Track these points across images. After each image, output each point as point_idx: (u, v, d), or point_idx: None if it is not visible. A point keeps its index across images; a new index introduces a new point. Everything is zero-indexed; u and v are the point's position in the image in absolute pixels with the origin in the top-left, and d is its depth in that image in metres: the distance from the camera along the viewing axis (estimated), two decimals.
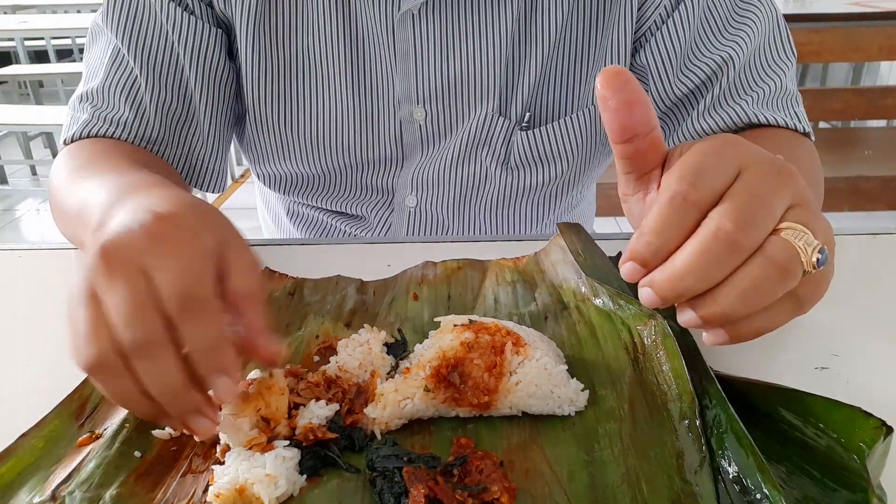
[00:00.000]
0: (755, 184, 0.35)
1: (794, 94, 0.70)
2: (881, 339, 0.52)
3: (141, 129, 0.69)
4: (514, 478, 0.38)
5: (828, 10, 2.21)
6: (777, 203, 0.35)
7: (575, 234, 0.61)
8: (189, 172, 0.73)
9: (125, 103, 0.68)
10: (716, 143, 0.37)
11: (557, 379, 0.43)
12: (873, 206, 1.93)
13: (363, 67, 0.71)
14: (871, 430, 0.37)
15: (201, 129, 0.71)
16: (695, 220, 0.35)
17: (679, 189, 0.34)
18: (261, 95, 0.72)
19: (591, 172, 0.82)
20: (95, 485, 0.38)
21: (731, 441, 0.38)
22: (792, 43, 0.70)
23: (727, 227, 0.33)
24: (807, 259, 0.34)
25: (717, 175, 0.35)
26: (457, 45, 0.69)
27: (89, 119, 0.68)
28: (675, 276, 0.35)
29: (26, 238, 3.10)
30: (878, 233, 0.69)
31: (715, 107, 0.68)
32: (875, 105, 2.12)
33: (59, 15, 4.65)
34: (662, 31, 0.69)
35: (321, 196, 0.81)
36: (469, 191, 0.78)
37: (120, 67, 0.69)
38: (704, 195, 0.34)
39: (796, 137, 0.68)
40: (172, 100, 0.70)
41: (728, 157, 0.36)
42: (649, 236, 0.35)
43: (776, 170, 0.36)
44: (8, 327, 0.56)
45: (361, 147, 0.75)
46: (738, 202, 0.34)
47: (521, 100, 0.72)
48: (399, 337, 0.50)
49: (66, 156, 0.65)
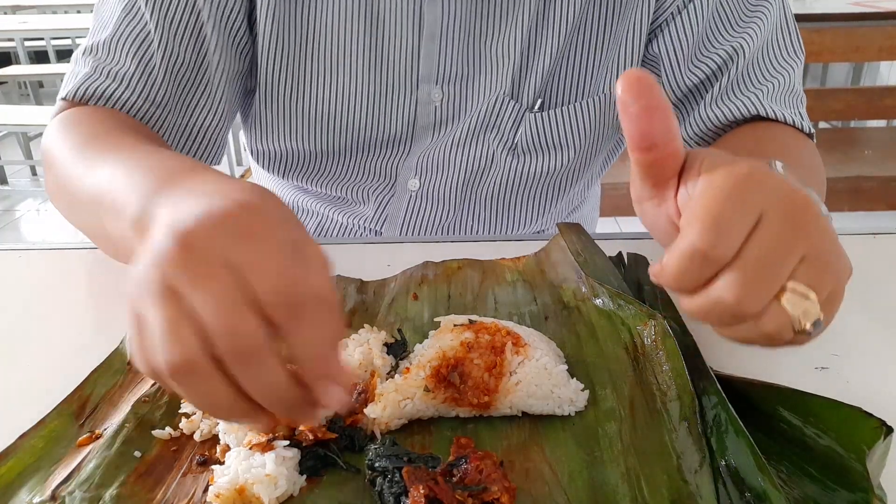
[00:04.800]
0: (770, 242, 0.35)
1: (800, 93, 0.71)
2: (881, 339, 0.52)
3: (146, 88, 0.65)
4: (514, 478, 0.38)
5: (828, 10, 2.21)
6: (788, 262, 0.36)
7: (575, 234, 0.61)
8: (185, 142, 0.70)
9: (132, 58, 0.64)
10: (740, 180, 0.37)
11: (557, 379, 0.43)
12: (873, 206, 1.93)
13: (382, 47, 0.70)
14: (871, 430, 0.37)
15: (211, 95, 0.69)
16: (711, 273, 0.36)
17: (699, 247, 0.35)
18: (275, 67, 0.71)
19: (594, 166, 0.82)
20: (95, 485, 0.38)
21: (731, 441, 0.38)
22: (801, 40, 0.71)
23: (729, 301, 0.35)
24: (799, 328, 0.36)
25: (737, 228, 0.35)
26: (480, 26, 0.70)
27: (90, 73, 0.65)
28: (681, 307, 0.39)
29: (26, 238, 3.10)
30: (878, 233, 0.69)
31: (723, 97, 0.69)
32: (875, 105, 2.12)
33: (59, 15, 4.64)
34: (676, 22, 0.69)
35: (321, 178, 0.80)
36: (474, 175, 0.77)
37: (133, 20, 0.65)
38: (723, 253, 0.35)
39: (801, 138, 0.68)
40: (184, 61, 0.66)
41: (750, 202, 0.36)
42: (669, 280, 0.37)
43: (795, 216, 0.36)
44: (8, 327, 0.56)
45: (371, 127, 0.74)
46: (747, 273, 0.35)
47: (534, 84, 0.72)
48: (399, 337, 0.50)
49: (63, 127, 0.61)
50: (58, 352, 0.52)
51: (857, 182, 1.90)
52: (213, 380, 0.31)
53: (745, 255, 0.35)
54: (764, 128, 0.67)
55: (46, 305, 0.59)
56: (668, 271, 0.37)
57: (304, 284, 0.32)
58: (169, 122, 0.67)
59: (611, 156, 0.85)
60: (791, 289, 0.35)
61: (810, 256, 0.36)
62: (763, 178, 0.37)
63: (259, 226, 0.33)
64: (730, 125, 0.69)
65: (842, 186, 1.88)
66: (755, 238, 0.35)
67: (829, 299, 0.37)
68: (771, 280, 0.35)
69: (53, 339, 0.54)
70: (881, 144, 2.25)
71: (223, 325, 0.30)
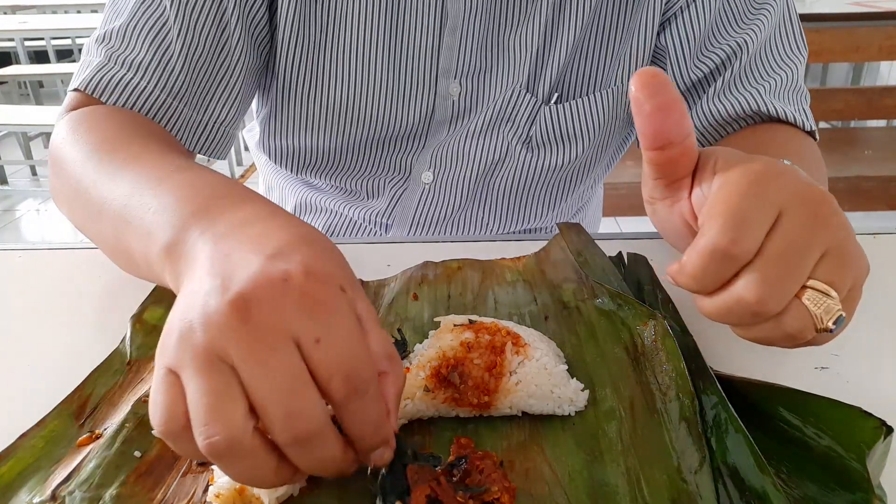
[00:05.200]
0: (791, 238, 0.35)
1: (803, 90, 0.71)
2: (881, 339, 0.52)
3: (162, 77, 0.63)
4: (514, 478, 0.38)
5: (828, 10, 2.21)
6: (809, 258, 0.35)
7: (575, 234, 0.61)
8: (197, 136, 0.68)
9: (149, 45, 0.63)
10: (758, 177, 0.36)
11: (557, 379, 0.43)
12: (873, 206, 1.93)
13: (402, 41, 0.70)
14: (871, 430, 0.37)
15: (228, 87, 0.68)
16: (732, 272, 0.36)
17: (720, 244, 0.35)
18: (294, 61, 0.71)
19: (603, 159, 0.82)
20: (95, 485, 0.38)
21: (731, 441, 0.38)
22: (804, 37, 0.72)
23: (751, 300, 0.35)
24: (822, 326, 0.35)
25: (758, 224, 0.35)
26: (501, 19, 0.70)
27: (104, 62, 0.62)
28: (699, 309, 0.39)
29: (26, 238, 3.10)
30: (878, 233, 0.69)
31: (726, 92, 0.69)
32: (875, 105, 2.12)
33: (59, 15, 4.65)
34: (685, 15, 0.70)
35: (335, 172, 0.80)
36: (488, 168, 0.77)
37: (150, 7, 0.63)
38: (744, 250, 0.35)
39: (803, 137, 0.68)
40: (203, 50, 0.65)
41: (769, 198, 0.36)
42: (688, 280, 0.37)
43: (814, 211, 0.36)
44: (8, 327, 0.56)
45: (389, 122, 0.74)
46: (769, 270, 0.35)
47: (550, 76, 0.72)
48: (399, 337, 0.50)
49: (75, 128, 0.58)
50: (58, 352, 0.52)
51: (857, 182, 1.90)
52: (258, 458, 0.29)
53: (767, 252, 0.35)
54: (765, 130, 0.67)
55: (46, 305, 0.59)
56: (688, 270, 0.36)
57: (369, 364, 0.30)
58: (184, 115, 0.65)
59: (617, 152, 0.86)
60: (811, 286, 0.35)
61: (831, 252, 0.35)
62: (781, 174, 0.37)
63: (324, 294, 0.30)
64: (732, 121, 0.69)
65: (842, 186, 1.88)
66: (776, 234, 0.35)
67: (849, 296, 0.37)
68: (793, 277, 0.35)
69: (53, 339, 0.54)
70: (881, 144, 2.25)
71: (285, 408, 0.28)
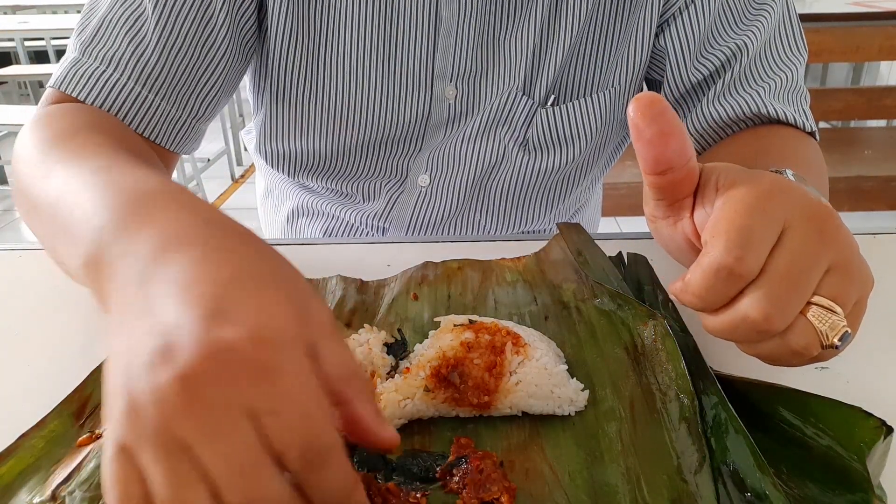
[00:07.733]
0: (795, 254, 0.35)
1: (804, 90, 0.71)
2: (881, 339, 0.52)
3: (137, 67, 0.61)
4: (514, 478, 0.38)
5: (828, 10, 2.21)
6: (814, 274, 0.35)
7: (575, 234, 0.61)
8: (167, 130, 0.65)
9: (123, 37, 0.61)
10: (761, 194, 0.36)
11: (557, 379, 0.43)
12: (873, 206, 1.93)
13: (397, 45, 0.70)
14: (871, 430, 0.37)
15: (209, 82, 0.66)
16: (737, 290, 0.36)
17: (725, 262, 0.35)
18: (289, 65, 0.70)
19: (600, 161, 0.82)
20: (95, 485, 0.38)
21: (731, 441, 0.38)
22: (804, 38, 0.71)
23: (756, 317, 0.35)
24: (827, 343, 0.35)
25: (762, 241, 0.35)
26: (496, 22, 0.70)
27: (79, 57, 0.61)
28: (704, 327, 0.39)
29: (26, 238, 3.10)
30: (878, 233, 0.69)
31: (726, 94, 0.69)
32: (875, 105, 2.13)
33: (59, 15, 4.65)
34: (683, 17, 0.69)
35: (331, 176, 0.80)
36: (484, 171, 0.77)
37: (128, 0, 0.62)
38: (750, 268, 0.35)
39: (803, 139, 0.68)
40: (184, 43, 0.63)
41: (773, 215, 0.36)
42: (693, 298, 0.37)
43: (818, 227, 0.36)
44: (8, 327, 0.56)
45: (385, 125, 0.74)
46: (774, 287, 0.35)
47: (546, 79, 0.72)
48: (399, 337, 0.50)
49: (34, 125, 0.56)
50: (58, 352, 0.52)
51: (857, 182, 1.90)
52: None
53: (771, 268, 0.35)
54: (766, 132, 0.67)
55: (46, 305, 0.59)
56: (693, 289, 0.36)
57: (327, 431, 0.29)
58: (160, 109, 0.63)
59: (615, 153, 0.86)
60: (816, 302, 0.35)
61: (835, 267, 0.35)
62: (785, 190, 0.37)
63: (274, 359, 0.28)
64: (732, 123, 0.69)
65: (842, 186, 1.88)
66: (780, 251, 0.35)
67: (853, 311, 0.36)
68: (798, 293, 0.35)
69: (53, 339, 0.54)
70: (881, 144, 2.25)
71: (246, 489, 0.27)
